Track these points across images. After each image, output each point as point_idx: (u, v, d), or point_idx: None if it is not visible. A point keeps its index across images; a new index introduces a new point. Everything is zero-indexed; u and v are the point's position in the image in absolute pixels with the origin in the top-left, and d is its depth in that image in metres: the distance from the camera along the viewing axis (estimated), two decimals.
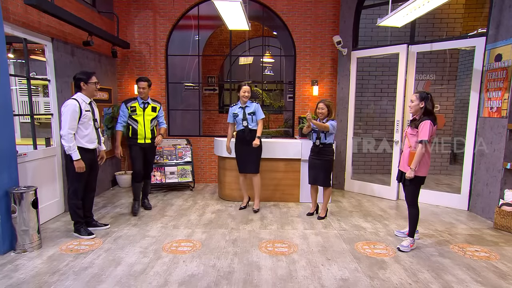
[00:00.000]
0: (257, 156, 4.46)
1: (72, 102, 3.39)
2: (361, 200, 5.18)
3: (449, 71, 6.41)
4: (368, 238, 3.66)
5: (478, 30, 5.45)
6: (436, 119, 3.26)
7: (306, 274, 2.87)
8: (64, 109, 3.37)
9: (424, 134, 3.17)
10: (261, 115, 4.42)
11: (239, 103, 4.44)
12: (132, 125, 4.28)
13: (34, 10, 3.72)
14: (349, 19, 5.50)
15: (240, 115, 4.40)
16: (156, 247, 3.36)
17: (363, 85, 6.52)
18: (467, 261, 3.14)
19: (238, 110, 4.43)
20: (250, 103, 4.43)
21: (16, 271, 2.86)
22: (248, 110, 4.39)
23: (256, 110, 4.40)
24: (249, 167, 4.47)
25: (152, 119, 4.36)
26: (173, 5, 5.89)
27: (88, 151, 3.55)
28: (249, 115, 4.37)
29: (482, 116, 4.36)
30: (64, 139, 3.35)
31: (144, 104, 4.31)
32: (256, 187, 4.56)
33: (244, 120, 4.37)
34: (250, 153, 4.42)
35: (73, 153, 3.38)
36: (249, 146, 4.36)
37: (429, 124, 3.17)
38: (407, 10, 3.74)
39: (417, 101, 3.28)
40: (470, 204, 4.61)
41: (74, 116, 3.36)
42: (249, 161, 4.45)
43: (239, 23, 4.41)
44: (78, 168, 3.41)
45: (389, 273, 2.90)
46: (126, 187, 5.83)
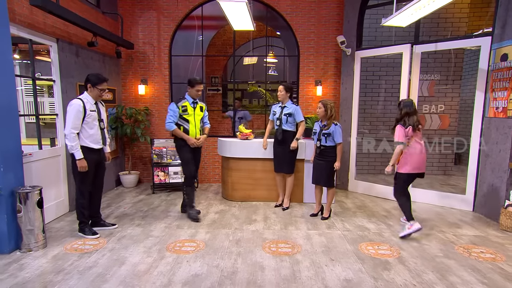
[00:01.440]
0: (291, 157, 4.50)
1: (77, 101, 3.41)
2: (365, 200, 5.16)
3: (454, 71, 6.37)
4: (372, 239, 3.64)
5: (483, 29, 5.41)
6: (406, 123, 3.67)
7: (309, 274, 2.87)
8: (69, 108, 3.40)
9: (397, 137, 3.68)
10: (300, 117, 4.42)
11: (281, 102, 4.49)
12: (184, 125, 4.10)
13: (39, 11, 3.75)
14: (353, 19, 5.48)
15: (277, 114, 4.44)
16: (160, 247, 3.37)
17: (367, 85, 6.49)
18: (472, 263, 3.11)
19: (277, 109, 4.48)
20: (290, 103, 4.45)
21: (22, 270, 2.89)
22: (285, 111, 4.41)
23: (294, 112, 4.40)
24: (283, 167, 4.53)
25: (201, 119, 4.27)
26: (177, 6, 5.91)
27: (93, 151, 3.56)
28: (284, 116, 4.40)
29: (487, 116, 4.33)
30: (67, 138, 3.38)
31: (194, 103, 4.16)
32: (288, 187, 4.64)
33: (278, 120, 4.41)
34: (284, 154, 4.48)
35: (76, 152, 3.40)
36: (282, 146, 4.44)
37: (399, 128, 3.67)
38: (412, 10, 3.71)
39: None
40: (475, 205, 4.57)
41: (78, 115, 3.38)
42: (283, 161, 4.50)
43: (244, 23, 4.41)
44: (81, 167, 3.43)
45: (393, 274, 2.88)
46: (130, 187, 5.85)
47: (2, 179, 3.10)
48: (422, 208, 4.75)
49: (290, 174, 4.59)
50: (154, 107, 6.13)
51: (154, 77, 6.08)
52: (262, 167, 4.89)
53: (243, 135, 5.00)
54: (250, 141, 4.92)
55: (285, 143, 4.45)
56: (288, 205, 4.69)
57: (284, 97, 4.45)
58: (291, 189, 4.67)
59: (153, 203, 4.90)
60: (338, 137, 3.98)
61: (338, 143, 4.00)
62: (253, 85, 8.87)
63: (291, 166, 4.54)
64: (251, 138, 5.00)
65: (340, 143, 4.00)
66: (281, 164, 4.56)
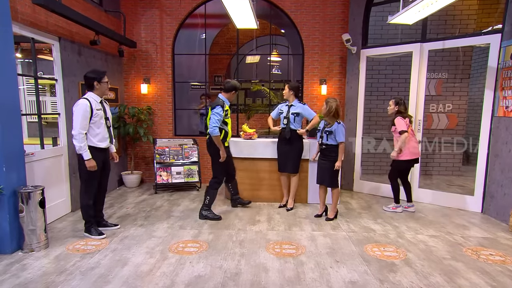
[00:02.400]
0: (296, 157, 4.45)
1: (83, 101, 3.38)
2: (371, 201, 5.09)
3: (462, 69, 6.26)
4: (377, 240, 3.58)
5: (493, 26, 5.30)
6: (404, 115, 4.31)
7: (314, 276, 2.82)
8: (75, 109, 3.36)
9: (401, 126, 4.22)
10: (312, 114, 4.39)
11: (288, 101, 4.46)
12: (225, 129, 4.10)
13: (41, 9, 3.73)
14: (359, 16, 5.40)
15: (284, 112, 4.40)
16: (163, 248, 3.33)
17: (372, 84, 6.40)
18: (481, 265, 3.04)
19: (284, 108, 4.45)
20: (297, 102, 4.41)
21: (24, 270, 2.87)
22: (292, 110, 4.37)
23: (302, 111, 4.36)
24: (287, 167, 4.48)
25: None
26: (180, 4, 5.86)
27: (100, 150, 3.55)
28: (292, 115, 4.36)
29: (496, 115, 4.23)
30: (76, 139, 3.34)
31: (230, 107, 4.26)
32: (292, 187, 4.59)
33: (286, 119, 4.37)
34: (289, 153, 4.44)
35: (84, 152, 3.37)
36: (288, 145, 4.40)
37: (400, 119, 4.26)
38: (419, 7, 3.64)
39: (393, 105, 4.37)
40: (484, 206, 4.48)
41: (85, 115, 3.35)
42: (288, 160, 4.45)
43: (247, 21, 4.36)
44: (90, 167, 3.42)
45: (400, 276, 2.83)
46: (133, 187, 5.83)
47: (4, 179, 3.08)
48: (430, 209, 4.68)
49: (295, 174, 4.54)
50: (157, 106, 6.10)
51: (156, 76, 6.05)
52: (266, 167, 4.84)
53: (246, 135, 4.95)
54: (253, 141, 4.87)
55: (291, 142, 4.41)
56: (293, 205, 4.63)
57: (289, 96, 4.41)
58: (295, 189, 4.61)
59: (156, 203, 4.87)
60: (340, 136, 3.91)
61: (340, 142, 3.93)
62: (256, 84, 8.81)
63: (296, 166, 4.49)
64: (254, 138, 4.95)
65: (342, 142, 3.94)
66: (285, 164, 4.51)
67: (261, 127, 8.81)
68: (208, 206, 4.19)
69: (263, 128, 7.11)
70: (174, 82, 6.15)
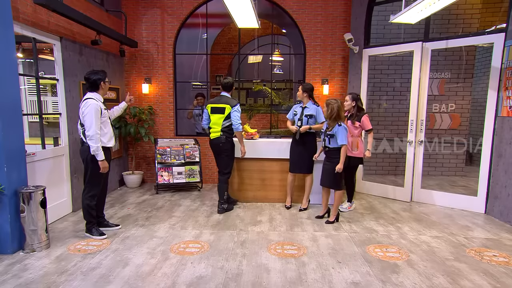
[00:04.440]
0: (310, 157, 4.43)
1: (93, 101, 3.36)
2: (373, 201, 5.06)
3: (465, 69, 6.21)
4: (380, 241, 3.55)
5: (496, 26, 5.25)
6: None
7: (316, 277, 2.80)
8: (87, 110, 3.32)
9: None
10: (321, 119, 4.35)
11: (302, 102, 4.44)
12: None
13: (43, 9, 3.73)
14: (361, 16, 5.37)
15: (298, 114, 4.40)
16: (164, 248, 3.32)
17: (374, 84, 6.37)
18: (484, 266, 3.02)
19: (298, 109, 4.43)
20: (311, 104, 4.38)
21: (25, 270, 2.86)
22: (306, 111, 4.35)
23: (315, 113, 4.34)
24: (301, 167, 4.46)
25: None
26: (181, 3, 5.85)
27: (107, 149, 3.56)
28: (305, 117, 4.34)
29: (500, 115, 4.20)
30: (92, 139, 3.32)
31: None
32: (307, 186, 4.57)
33: (300, 121, 4.36)
34: (303, 154, 4.42)
35: (99, 153, 3.37)
36: (301, 146, 4.38)
37: (367, 117, 4.35)
38: (422, 6, 3.61)
39: (350, 101, 4.37)
40: (487, 207, 4.45)
41: (97, 115, 3.35)
42: (301, 161, 4.43)
43: (248, 21, 4.34)
44: (104, 168, 3.42)
45: (402, 277, 2.80)
46: (134, 187, 5.83)
47: (5, 179, 3.07)
48: (432, 210, 4.65)
49: (309, 174, 4.51)
50: (158, 106, 6.09)
51: (158, 76, 6.04)
52: (268, 167, 4.82)
53: (248, 135, 4.93)
54: (255, 141, 4.85)
55: (304, 143, 4.38)
56: (306, 205, 4.60)
57: (302, 97, 4.39)
58: (310, 188, 4.58)
59: (157, 204, 4.86)
60: (342, 138, 3.86)
61: (342, 145, 3.88)
62: (258, 83, 8.79)
63: (310, 166, 4.47)
64: (256, 138, 4.93)
65: (343, 145, 3.88)
66: (299, 164, 4.46)
67: (262, 127, 8.80)
68: (227, 201, 4.48)
69: (264, 128, 7.09)
70: (175, 82, 6.14)
